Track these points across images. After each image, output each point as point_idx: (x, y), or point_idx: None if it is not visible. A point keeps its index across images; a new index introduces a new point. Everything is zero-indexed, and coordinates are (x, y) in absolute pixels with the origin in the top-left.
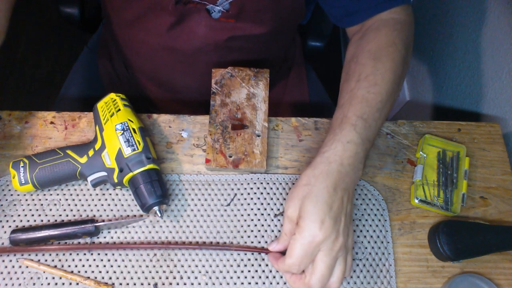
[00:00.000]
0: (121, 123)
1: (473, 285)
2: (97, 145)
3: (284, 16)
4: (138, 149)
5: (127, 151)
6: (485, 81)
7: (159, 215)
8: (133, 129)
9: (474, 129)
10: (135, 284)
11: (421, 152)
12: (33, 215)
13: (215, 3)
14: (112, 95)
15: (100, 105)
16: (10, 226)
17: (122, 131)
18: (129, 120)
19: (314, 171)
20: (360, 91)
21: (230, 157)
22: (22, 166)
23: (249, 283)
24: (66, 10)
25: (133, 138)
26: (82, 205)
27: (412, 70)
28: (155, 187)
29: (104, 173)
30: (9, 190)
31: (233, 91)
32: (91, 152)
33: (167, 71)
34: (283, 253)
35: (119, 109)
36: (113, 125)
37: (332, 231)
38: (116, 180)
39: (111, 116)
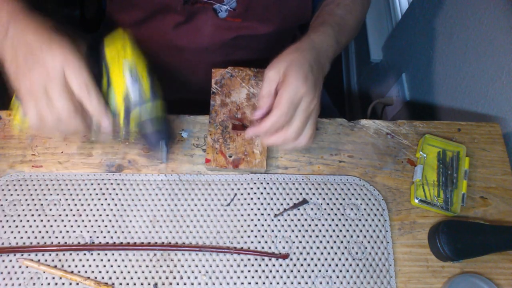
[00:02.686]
0: (128, 62)
1: (473, 285)
2: (104, 87)
3: (289, 15)
4: (144, 87)
5: (133, 92)
6: (485, 81)
7: (165, 150)
8: (139, 69)
9: (474, 129)
10: (135, 284)
11: (421, 152)
12: (33, 215)
13: (222, 2)
14: (119, 34)
15: (109, 48)
16: (10, 226)
17: (129, 71)
18: (135, 59)
19: (299, 45)
20: (339, 11)
21: (230, 157)
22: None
23: (249, 283)
24: (66, 11)
25: (139, 76)
26: (82, 205)
27: (412, 70)
28: (161, 124)
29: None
30: (9, 190)
31: (233, 91)
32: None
33: (172, 70)
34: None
35: (126, 49)
36: (120, 65)
37: (312, 89)
38: (122, 124)
39: (118, 56)
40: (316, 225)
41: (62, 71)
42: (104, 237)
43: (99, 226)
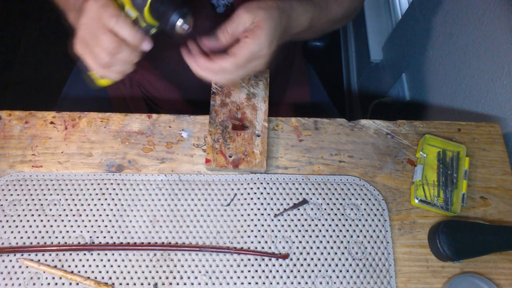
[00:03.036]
0: None
1: (473, 285)
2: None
3: None
4: None
5: None
6: (485, 81)
7: (187, 26)
8: None
9: (474, 129)
10: (135, 284)
11: (421, 152)
12: (33, 215)
13: None
14: None
15: None
16: (10, 226)
17: None
18: None
19: (282, 4)
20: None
21: (230, 157)
22: None
23: (249, 283)
24: None
25: None
26: (82, 205)
27: (412, 70)
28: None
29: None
30: (9, 190)
31: (233, 91)
32: None
33: (172, 65)
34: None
35: None
36: None
37: (270, 55)
38: (143, 24)
39: None
40: (316, 225)
41: (98, 14)
42: (104, 237)
43: (99, 226)
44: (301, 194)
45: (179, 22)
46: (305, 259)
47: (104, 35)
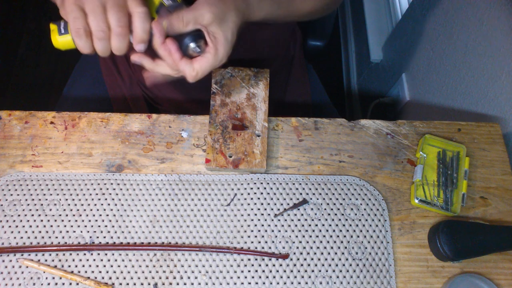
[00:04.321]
0: None
1: (473, 285)
2: None
3: None
4: None
5: (167, 2)
6: (485, 81)
7: (199, 50)
8: None
9: (474, 129)
10: (135, 284)
11: (421, 152)
12: (33, 215)
13: None
14: None
15: None
16: (10, 226)
17: None
18: None
19: (237, 12)
20: None
21: (230, 157)
22: (63, 21)
23: (249, 283)
24: None
25: None
26: (82, 205)
27: (412, 70)
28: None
29: None
30: (9, 190)
31: (233, 91)
32: None
33: None
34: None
35: None
36: None
37: (227, 57)
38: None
39: None
40: (316, 225)
41: None
42: (104, 237)
43: (99, 226)
44: (301, 194)
45: (192, 45)
46: (305, 259)
47: (121, 13)
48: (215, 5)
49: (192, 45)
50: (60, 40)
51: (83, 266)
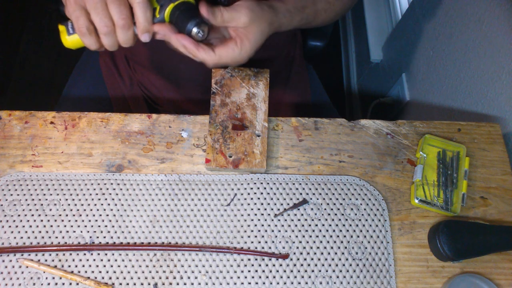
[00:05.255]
0: None
1: (473, 285)
2: None
3: None
4: None
5: None
6: (485, 81)
7: (202, 34)
8: None
9: (474, 129)
10: (135, 284)
11: (421, 152)
12: (33, 215)
13: None
14: None
15: None
16: (10, 226)
17: None
18: None
19: (274, 14)
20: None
21: (230, 157)
22: (70, 21)
23: (249, 283)
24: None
25: None
26: (82, 205)
27: (412, 70)
28: (195, 11)
29: None
30: (9, 190)
31: (233, 91)
32: None
33: (173, 63)
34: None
35: None
36: None
37: (246, 61)
38: (158, 16)
39: None
40: (316, 225)
41: None
42: (104, 237)
43: (99, 226)
44: (301, 194)
45: (195, 29)
46: (305, 259)
47: (122, 6)
48: (254, 11)
49: (195, 29)
50: (70, 40)
51: (83, 266)
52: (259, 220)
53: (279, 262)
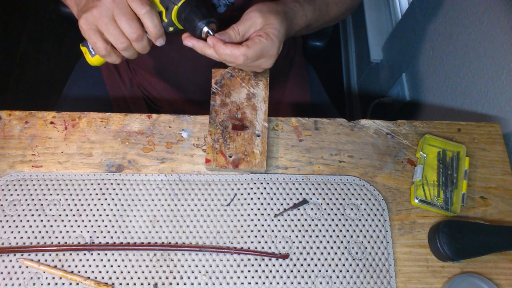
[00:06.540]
0: None
1: (473, 285)
2: None
3: None
4: None
5: None
6: (485, 81)
7: (211, 33)
8: None
9: (474, 129)
10: (135, 284)
11: (421, 152)
12: (33, 215)
13: None
14: None
15: None
16: (10, 226)
17: None
18: None
19: (288, 13)
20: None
21: (230, 157)
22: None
23: (249, 283)
24: (66, 10)
25: None
26: (82, 205)
27: (412, 70)
28: (201, 8)
29: None
30: (9, 190)
31: (233, 91)
32: None
33: (173, 66)
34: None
35: None
36: None
37: (276, 55)
38: (166, 20)
39: None
40: (316, 225)
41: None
42: (104, 237)
43: (99, 226)
44: (301, 194)
45: (205, 29)
46: (305, 259)
47: (131, 21)
48: (262, 11)
49: (205, 29)
50: (94, 60)
51: (83, 266)
52: (259, 220)
53: (279, 262)
